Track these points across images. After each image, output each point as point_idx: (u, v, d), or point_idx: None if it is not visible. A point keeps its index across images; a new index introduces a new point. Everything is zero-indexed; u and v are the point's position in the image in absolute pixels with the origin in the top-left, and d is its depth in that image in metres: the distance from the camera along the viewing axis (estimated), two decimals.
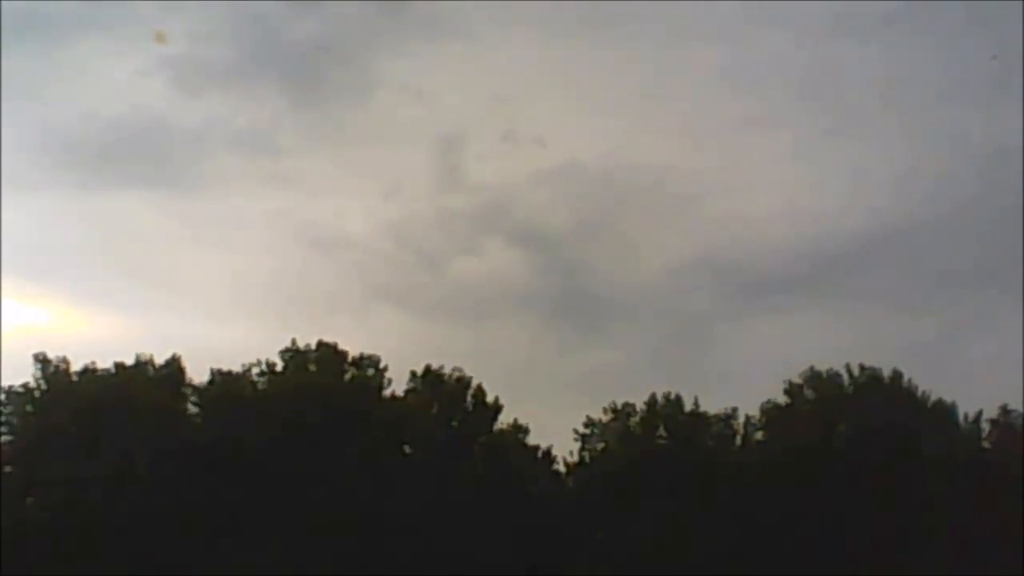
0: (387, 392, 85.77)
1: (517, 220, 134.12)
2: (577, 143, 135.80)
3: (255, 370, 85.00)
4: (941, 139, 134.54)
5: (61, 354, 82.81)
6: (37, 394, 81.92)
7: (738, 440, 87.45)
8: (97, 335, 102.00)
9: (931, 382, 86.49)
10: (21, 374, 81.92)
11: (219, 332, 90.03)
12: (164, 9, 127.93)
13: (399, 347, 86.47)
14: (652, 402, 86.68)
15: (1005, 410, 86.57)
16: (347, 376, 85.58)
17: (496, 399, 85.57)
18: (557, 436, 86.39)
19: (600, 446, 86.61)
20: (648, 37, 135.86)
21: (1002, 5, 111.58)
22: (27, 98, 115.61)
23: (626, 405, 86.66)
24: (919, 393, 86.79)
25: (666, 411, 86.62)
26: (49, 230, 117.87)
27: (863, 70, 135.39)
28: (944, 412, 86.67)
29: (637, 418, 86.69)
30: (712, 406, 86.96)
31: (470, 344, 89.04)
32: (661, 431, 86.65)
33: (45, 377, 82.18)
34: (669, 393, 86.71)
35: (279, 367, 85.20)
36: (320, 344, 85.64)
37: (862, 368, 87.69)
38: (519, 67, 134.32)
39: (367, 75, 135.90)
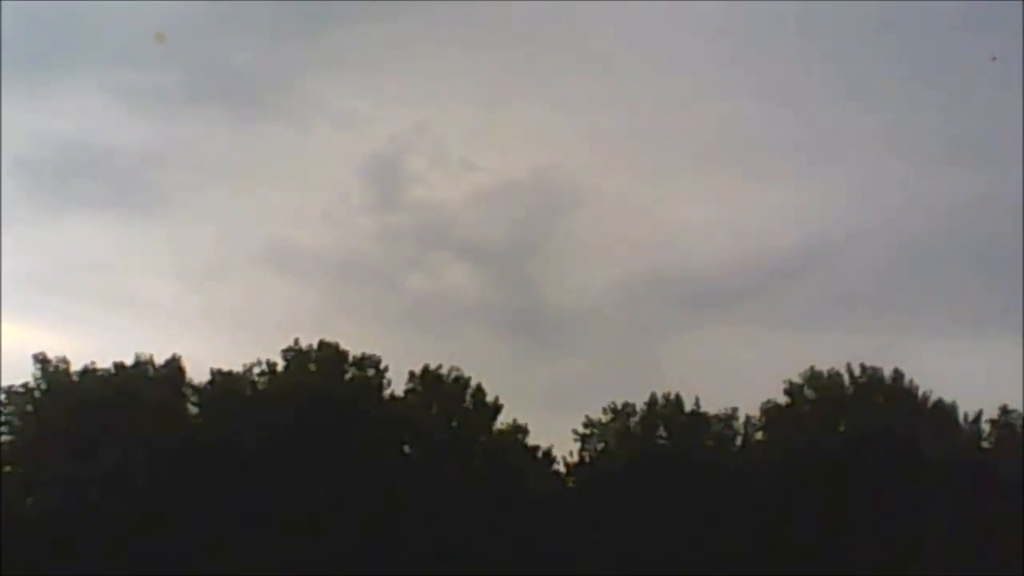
0: (387, 392, 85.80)
1: (461, 238, 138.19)
2: (510, 162, 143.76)
3: (256, 370, 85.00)
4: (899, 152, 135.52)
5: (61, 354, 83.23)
6: (37, 394, 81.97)
7: (738, 440, 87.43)
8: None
9: (926, 383, 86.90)
10: (21, 374, 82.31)
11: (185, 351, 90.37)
12: (116, 34, 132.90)
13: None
14: (652, 402, 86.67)
15: (1005, 410, 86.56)
16: (347, 376, 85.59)
17: (496, 399, 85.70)
18: (557, 436, 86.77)
19: (600, 446, 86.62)
20: (572, 59, 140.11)
21: (1003, 5, 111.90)
22: None
23: (626, 405, 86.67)
24: (919, 393, 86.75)
25: (666, 411, 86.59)
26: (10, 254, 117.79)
27: (808, 83, 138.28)
28: (944, 412, 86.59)
29: (637, 418, 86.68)
30: (712, 406, 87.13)
31: (434, 354, 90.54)
32: (661, 431, 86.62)
33: (45, 377, 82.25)
34: (669, 393, 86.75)
35: (280, 367, 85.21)
36: (322, 344, 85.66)
37: (863, 368, 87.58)
38: (445, 91, 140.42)
39: (302, 101, 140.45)
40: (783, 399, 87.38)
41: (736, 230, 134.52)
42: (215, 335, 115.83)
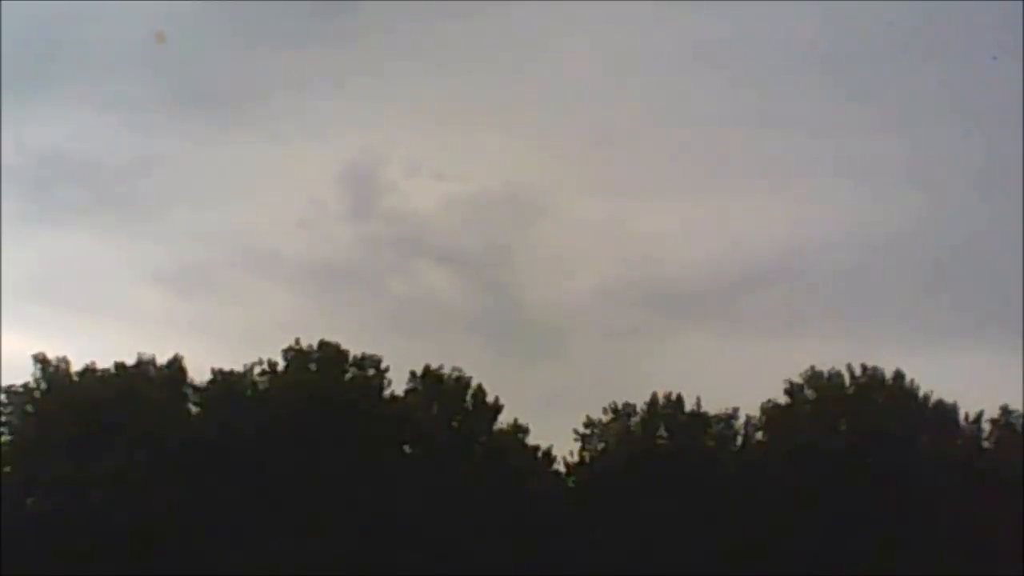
0: (387, 392, 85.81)
1: (438, 245, 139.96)
2: (480, 174, 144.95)
3: (256, 369, 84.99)
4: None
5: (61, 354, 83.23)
6: (37, 394, 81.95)
7: (738, 440, 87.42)
8: None
9: (926, 383, 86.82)
10: (21, 374, 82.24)
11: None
12: (98, 47, 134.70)
13: None
14: (652, 402, 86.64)
15: (1005, 410, 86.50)
16: (347, 376, 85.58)
17: (496, 399, 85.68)
18: (557, 436, 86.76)
19: (600, 446, 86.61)
20: (540, 75, 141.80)
21: (1003, 5, 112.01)
22: None
23: (626, 405, 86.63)
24: (919, 393, 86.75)
25: (666, 411, 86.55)
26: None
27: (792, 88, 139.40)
28: (944, 412, 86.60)
29: (637, 418, 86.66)
30: (712, 406, 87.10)
31: (422, 358, 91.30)
32: (661, 431, 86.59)
33: (45, 377, 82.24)
34: (670, 393, 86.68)
35: (280, 366, 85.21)
36: (322, 343, 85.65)
37: (863, 368, 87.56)
38: (415, 106, 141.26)
39: (277, 112, 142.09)
40: (783, 399, 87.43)
41: (727, 232, 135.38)
42: (206, 340, 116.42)
